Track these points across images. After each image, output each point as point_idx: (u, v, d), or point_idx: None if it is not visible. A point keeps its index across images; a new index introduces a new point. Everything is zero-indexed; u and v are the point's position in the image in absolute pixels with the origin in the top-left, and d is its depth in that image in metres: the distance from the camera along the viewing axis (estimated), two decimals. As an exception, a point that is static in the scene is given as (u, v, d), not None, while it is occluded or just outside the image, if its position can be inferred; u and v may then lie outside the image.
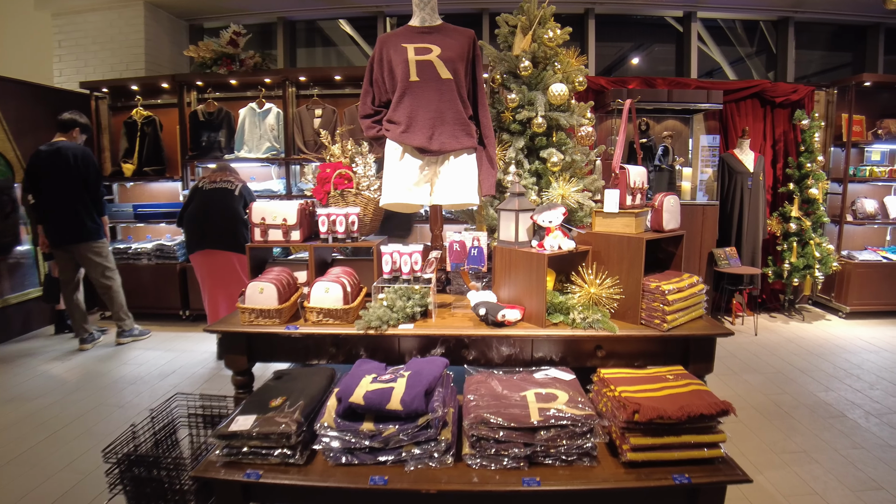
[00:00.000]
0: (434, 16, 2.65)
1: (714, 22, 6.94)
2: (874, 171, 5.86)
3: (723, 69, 7.03)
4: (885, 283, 5.83)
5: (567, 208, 2.61)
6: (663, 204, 2.38)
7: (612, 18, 6.86)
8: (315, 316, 2.37)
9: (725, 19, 6.97)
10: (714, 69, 7.14)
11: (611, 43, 7.52)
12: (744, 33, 7.08)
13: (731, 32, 7.07)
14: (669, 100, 5.21)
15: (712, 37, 6.97)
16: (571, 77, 2.90)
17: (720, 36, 7.01)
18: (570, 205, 2.65)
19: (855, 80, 5.82)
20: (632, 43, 7.53)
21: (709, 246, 5.32)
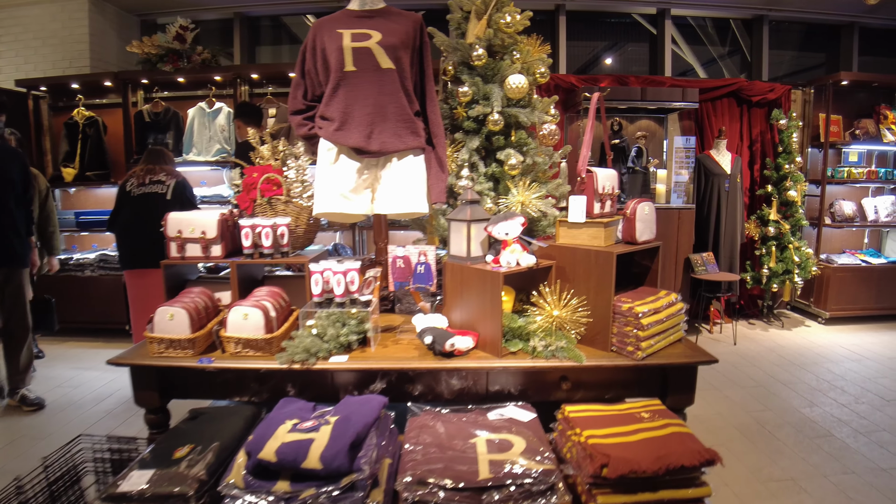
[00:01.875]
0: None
1: (685, 21, 6.73)
2: (852, 172, 5.68)
3: (695, 70, 6.82)
4: (864, 288, 5.66)
5: (528, 217, 2.30)
6: (636, 212, 2.08)
7: (584, 16, 6.60)
8: (233, 346, 2.03)
9: (697, 19, 6.77)
10: (687, 70, 6.93)
11: (584, 42, 7.27)
12: (716, 33, 6.89)
13: (703, 33, 6.87)
14: (643, 98, 4.95)
15: (684, 37, 6.76)
16: (532, 68, 2.58)
17: (692, 36, 6.80)
18: (532, 213, 2.34)
19: (832, 80, 5.64)
20: (605, 42, 7.29)
21: (685, 251, 5.07)
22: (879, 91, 6.01)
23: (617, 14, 6.71)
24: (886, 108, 5.88)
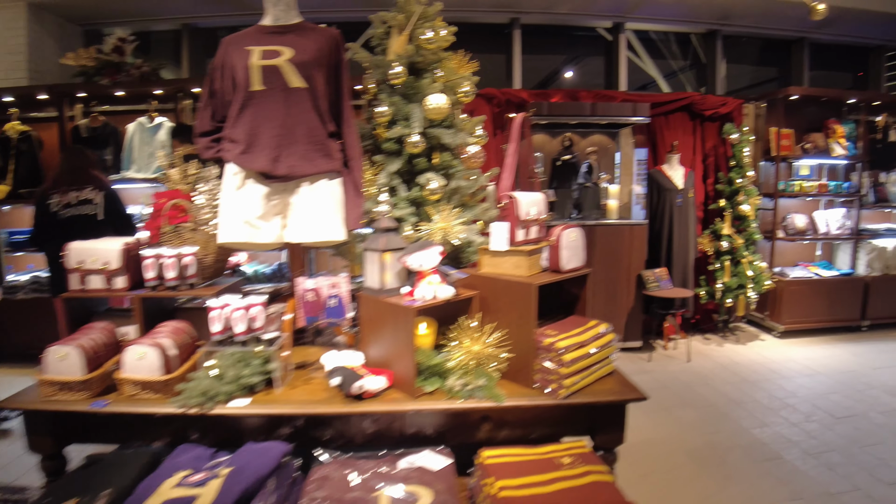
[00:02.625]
0: (290, 13, 2.17)
1: (647, 35, 6.76)
2: (803, 185, 5.72)
3: (657, 83, 6.85)
4: (817, 300, 5.68)
5: (451, 245, 2.18)
6: (561, 239, 1.97)
7: (542, 30, 6.57)
8: (130, 388, 1.86)
9: (659, 32, 6.80)
10: (648, 83, 6.97)
11: (543, 56, 7.26)
12: (677, 47, 6.93)
13: (665, 46, 6.90)
14: (593, 113, 4.89)
15: (647, 50, 6.78)
16: (455, 86, 2.46)
17: (654, 50, 6.83)
18: (455, 241, 2.21)
19: (782, 94, 5.68)
20: (564, 56, 7.30)
21: (637, 268, 5.01)
22: (828, 105, 6.08)
23: (575, 28, 6.69)
24: (835, 122, 5.94)
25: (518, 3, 5.89)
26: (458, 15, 6.00)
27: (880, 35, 7.13)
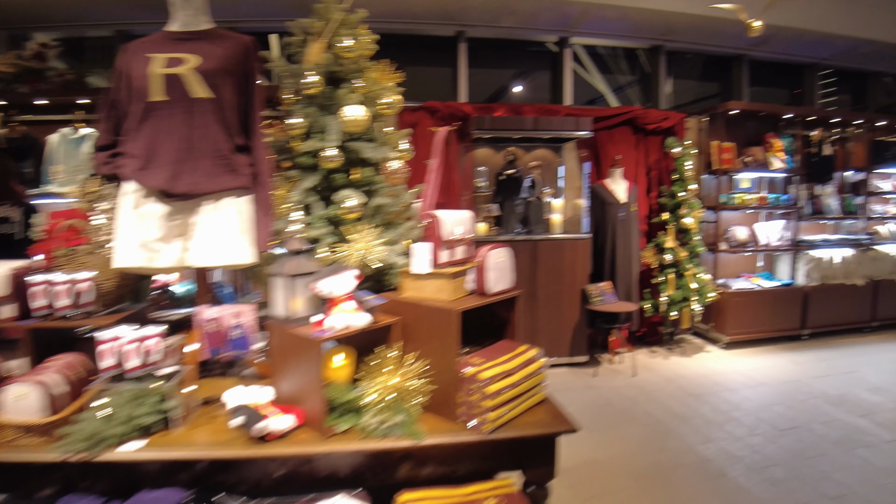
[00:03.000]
0: (199, 18, 2.02)
1: (595, 50, 6.81)
2: (744, 198, 5.83)
3: (605, 98, 6.90)
4: (760, 311, 5.78)
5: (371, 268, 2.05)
6: (487, 260, 1.86)
7: (491, 43, 6.53)
8: (10, 432, 1.65)
9: (607, 48, 6.86)
10: (597, 97, 7.02)
11: (493, 70, 7.23)
12: (625, 62, 7.00)
13: (613, 61, 6.97)
14: (536, 128, 4.86)
15: (596, 65, 6.83)
16: (377, 97, 2.33)
17: (603, 64, 6.89)
18: (376, 263, 2.08)
19: (723, 109, 5.78)
20: (514, 70, 7.28)
21: (582, 282, 4.98)
22: (767, 120, 6.23)
23: (524, 42, 6.68)
24: (773, 136, 6.08)
25: (463, 16, 5.84)
26: (404, 27, 5.92)
27: (814, 53, 7.38)
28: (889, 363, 5.32)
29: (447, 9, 5.62)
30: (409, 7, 5.47)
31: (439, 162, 2.03)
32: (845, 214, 6.50)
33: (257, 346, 1.95)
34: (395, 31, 5.96)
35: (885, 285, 6.50)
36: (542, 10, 5.78)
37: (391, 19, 5.75)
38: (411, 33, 6.06)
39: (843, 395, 4.43)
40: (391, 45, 6.21)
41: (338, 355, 1.80)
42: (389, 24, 5.82)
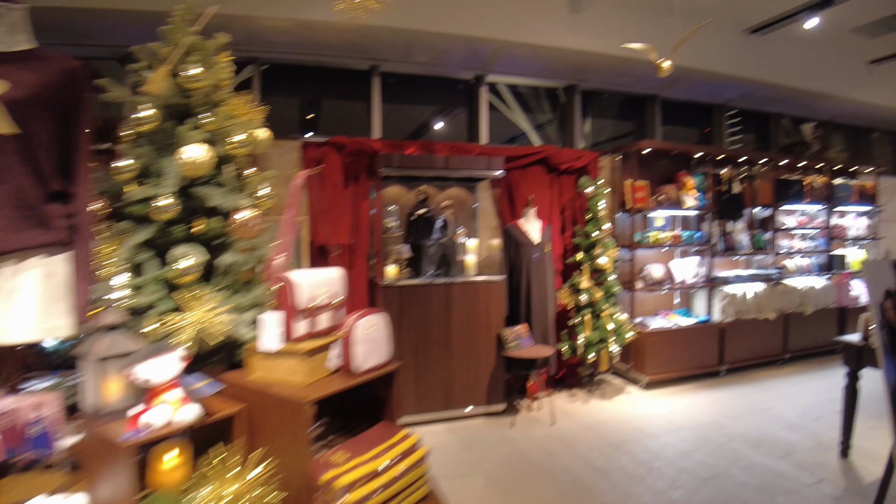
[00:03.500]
0: (16, 37, 1.69)
1: (517, 89, 6.80)
2: (658, 236, 5.84)
3: (528, 135, 6.88)
4: (678, 349, 5.75)
5: (211, 343, 1.73)
6: (354, 331, 1.59)
7: (413, 79, 6.40)
8: None
9: (528, 86, 6.87)
10: (519, 135, 7.00)
11: (415, 105, 7.11)
12: (547, 100, 7.02)
13: (535, 99, 6.98)
14: (447, 167, 4.69)
15: (518, 103, 6.81)
16: (227, 135, 2.03)
17: (525, 103, 6.88)
18: (216, 338, 1.75)
19: (635, 148, 5.82)
20: (435, 106, 7.18)
21: (497, 326, 4.78)
22: (679, 159, 6.35)
23: (445, 79, 6.58)
24: (686, 174, 6.17)
25: (375, 50, 5.69)
26: (318, 59, 5.70)
27: (720, 95, 7.68)
28: (803, 396, 5.36)
29: (359, 42, 5.45)
30: (321, 38, 5.26)
31: (292, 213, 1.73)
32: (755, 250, 6.65)
33: (64, 443, 1.58)
34: (309, 62, 5.73)
35: (795, 318, 6.67)
36: (455, 47, 5.69)
37: (303, 51, 5.52)
38: (325, 65, 5.84)
39: (762, 436, 4.38)
40: (306, 77, 6.02)
41: (169, 452, 1.47)
42: (301, 55, 5.58)
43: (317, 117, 6.41)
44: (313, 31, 5.07)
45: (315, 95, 6.35)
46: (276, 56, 5.56)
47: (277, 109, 6.39)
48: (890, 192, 8.92)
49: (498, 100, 6.69)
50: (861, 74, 8.03)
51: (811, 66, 7.43)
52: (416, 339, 4.53)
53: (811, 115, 8.52)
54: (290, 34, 5.14)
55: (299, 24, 4.91)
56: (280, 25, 4.93)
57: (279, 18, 4.81)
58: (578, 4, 5.88)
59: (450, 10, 5.30)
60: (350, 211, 4.98)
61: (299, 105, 6.53)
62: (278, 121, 6.42)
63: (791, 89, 7.40)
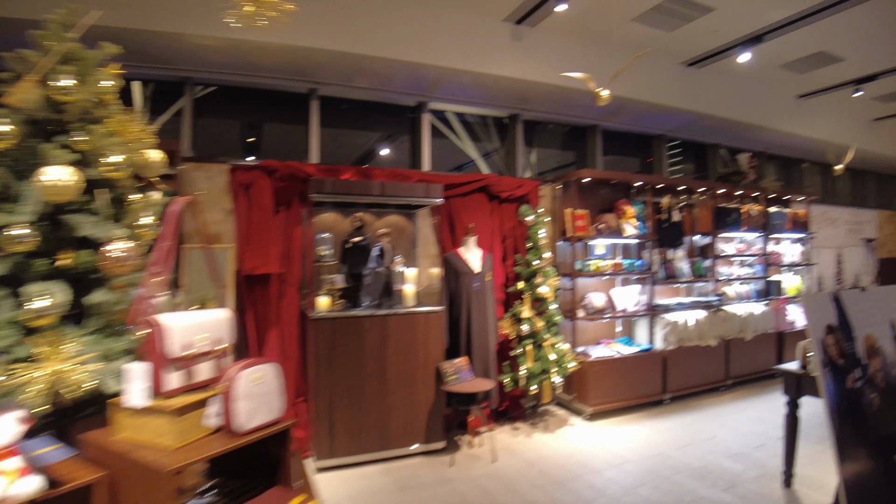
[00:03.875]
0: None
1: (463, 117, 6.76)
2: (598, 265, 5.81)
3: (476, 163, 6.83)
4: (621, 378, 5.69)
5: (75, 396, 1.50)
6: (236, 384, 1.38)
7: (362, 105, 6.26)
8: None
9: (476, 115, 6.83)
10: (467, 163, 6.94)
11: (362, 131, 6.97)
12: (495, 129, 6.99)
13: (483, 128, 6.94)
14: (383, 193, 4.54)
15: (467, 132, 6.76)
16: (100, 154, 1.80)
17: (472, 131, 6.83)
18: (75, 391, 1.52)
19: (575, 177, 5.82)
20: (380, 133, 7.06)
21: (436, 359, 4.60)
22: (619, 188, 6.39)
23: (387, 105, 6.47)
24: (625, 203, 6.21)
25: (314, 73, 5.53)
26: (256, 81, 5.49)
27: (660, 125, 7.84)
28: (745, 423, 5.37)
29: (297, 64, 5.29)
30: (256, 59, 5.07)
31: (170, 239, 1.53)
32: (696, 277, 6.72)
33: None
34: (247, 84, 5.52)
35: (735, 344, 6.75)
36: (396, 72, 5.60)
37: (240, 72, 5.31)
38: (263, 87, 5.63)
39: (707, 467, 4.32)
40: (246, 99, 5.80)
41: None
42: (238, 76, 5.37)
43: (258, 141, 6.19)
44: (247, 51, 4.89)
45: (255, 118, 6.14)
46: (212, 77, 5.32)
47: (217, 131, 6.17)
48: (820, 220, 9.27)
49: (446, 128, 6.64)
50: (791, 108, 8.37)
51: (745, 98, 7.70)
52: (349, 374, 4.30)
53: (747, 146, 8.81)
54: (223, 54, 4.94)
55: (232, 43, 4.72)
56: (212, 45, 4.72)
57: (209, 37, 4.60)
58: (519, 34, 5.90)
59: (390, 35, 5.22)
60: (281, 238, 4.75)
61: (240, 128, 6.31)
62: (219, 143, 6.18)
63: (727, 121, 7.63)
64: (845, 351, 2.01)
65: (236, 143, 6.25)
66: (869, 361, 2.05)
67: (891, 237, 11.08)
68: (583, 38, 6.15)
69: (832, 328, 2.00)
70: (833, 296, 2.12)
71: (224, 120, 6.05)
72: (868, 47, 6.56)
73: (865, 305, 2.15)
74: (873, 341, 2.07)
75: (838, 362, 1.97)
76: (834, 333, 1.99)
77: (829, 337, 1.97)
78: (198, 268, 4.41)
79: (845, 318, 2.05)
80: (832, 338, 1.97)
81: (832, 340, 1.97)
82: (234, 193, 4.73)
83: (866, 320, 2.10)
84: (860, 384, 2.03)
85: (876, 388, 2.06)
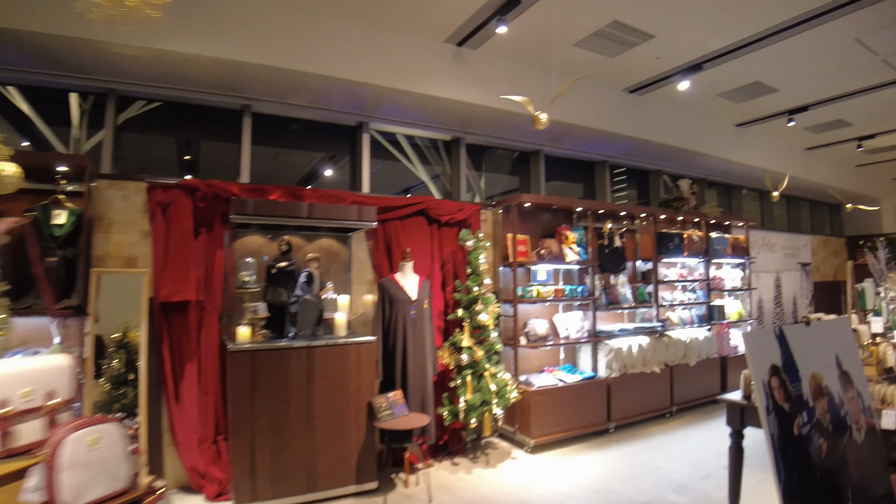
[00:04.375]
0: None
1: (413, 140, 6.58)
2: (540, 291, 5.66)
3: (426, 186, 6.65)
4: (564, 409, 5.52)
5: None
6: (61, 451, 1.10)
7: (294, 124, 5.99)
8: None
9: (426, 138, 6.67)
10: (416, 185, 6.75)
11: (300, 151, 6.70)
12: (445, 152, 6.83)
13: (433, 151, 6.78)
14: (311, 215, 4.25)
15: (417, 154, 6.59)
16: None
17: (421, 153, 6.66)
18: None
19: (516, 201, 5.69)
20: (322, 153, 6.80)
21: (368, 392, 4.31)
22: (560, 212, 6.30)
23: (331, 125, 6.22)
24: (566, 228, 6.12)
25: (247, 88, 5.22)
26: (187, 96, 5.14)
27: (604, 151, 7.86)
28: (690, 452, 5.27)
29: (229, 79, 5.00)
30: (184, 72, 4.75)
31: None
32: (638, 303, 6.66)
33: None
34: (177, 98, 5.18)
35: (679, 370, 6.70)
36: (333, 90, 5.38)
37: (168, 84, 4.96)
38: (193, 102, 5.29)
39: (651, 502, 4.16)
40: (179, 115, 5.43)
41: None
42: (166, 89, 5.02)
43: (195, 160, 5.83)
44: (174, 63, 4.57)
45: (191, 136, 5.78)
46: (139, 90, 4.96)
47: (152, 149, 5.77)
48: (759, 245, 9.48)
49: (397, 150, 6.46)
50: (730, 135, 8.56)
51: (686, 126, 7.81)
52: (272, 410, 3.96)
53: (688, 172, 8.95)
54: (149, 65, 4.60)
55: (155, 54, 4.40)
56: (136, 54, 4.38)
57: (131, 46, 4.27)
58: (461, 56, 5.79)
59: (327, 52, 5.01)
60: (201, 262, 4.41)
61: (177, 145, 5.95)
62: (154, 161, 5.78)
63: (669, 147, 7.72)
64: (791, 393, 1.85)
65: (173, 162, 5.87)
66: (815, 403, 1.90)
67: (824, 261, 11.46)
68: (525, 62, 6.09)
69: (776, 369, 1.84)
70: (777, 332, 1.97)
71: (162, 137, 5.69)
72: (800, 78, 6.75)
73: (810, 340, 2.01)
74: (819, 380, 1.93)
75: (784, 406, 1.81)
76: (778, 375, 1.83)
77: (774, 379, 1.81)
78: (110, 294, 4.04)
79: (790, 357, 1.90)
80: (777, 380, 1.81)
81: (777, 383, 1.81)
82: (152, 214, 4.37)
83: (811, 357, 1.96)
84: (807, 429, 1.86)
85: (823, 433, 1.90)
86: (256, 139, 5.61)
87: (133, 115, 5.04)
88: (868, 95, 7.25)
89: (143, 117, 5.10)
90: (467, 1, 4.91)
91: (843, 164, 10.96)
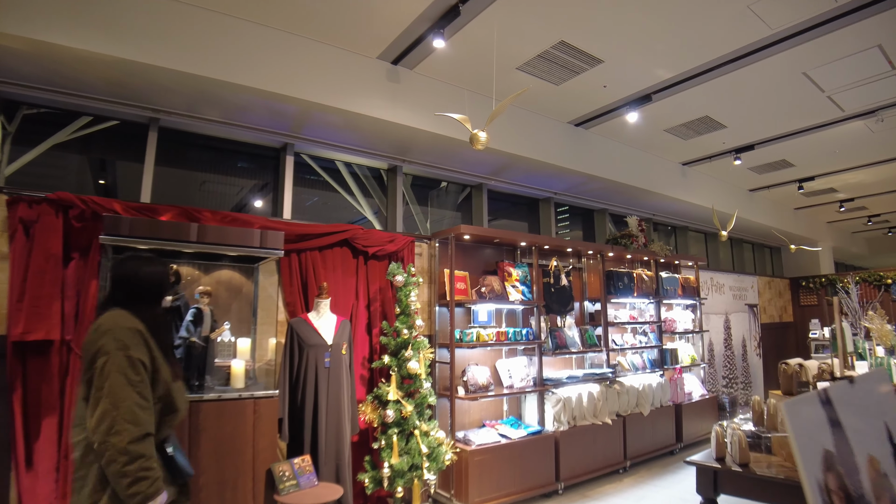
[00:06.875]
0: None
1: (352, 168, 5.96)
2: (481, 334, 5.02)
3: (371, 222, 5.99)
4: (507, 469, 4.85)
5: None
6: None
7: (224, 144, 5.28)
8: None
9: (365, 168, 6.05)
10: (358, 219, 6.08)
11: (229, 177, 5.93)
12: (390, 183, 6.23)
13: (373, 182, 6.16)
14: (201, 239, 3.48)
15: (358, 186, 5.98)
16: None
17: (363, 185, 6.03)
18: None
19: (454, 233, 5.11)
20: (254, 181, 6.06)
21: (267, 460, 3.50)
22: (503, 248, 5.77)
23: (255, 146, 5.52)
24: (510, 265, 5.58)
25: (153, 97, 4.49)
26: (86, 103, 4.35)
27: (549, 186, 7.45)
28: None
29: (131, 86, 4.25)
30: (80, 74, 4.00)
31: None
32: (587, 347, 6.13)
33: None
34: (77, 106, 4.39)
35: (632, 420, 6.19)
36: (251, 104, 4.72)
37: (59, 88, 4.18)
38: (93, 112, 4.51)
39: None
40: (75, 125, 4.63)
41: None
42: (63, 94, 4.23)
43: (114, 179, 5.01)
44: (64, 62, 3.83)
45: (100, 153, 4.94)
46: (25, 92, 4.15)
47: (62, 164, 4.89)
48: (708, 286, 9.22)
49: (335, 181, 5.85)
50: (676, 174, 8.33)
51: (633, 162, 7.53)
52: (141, 484, 3.13)
53: (635, 210, 8.67)
54: (33, 63, 3.84)
55: (37, 47, 3.64)
56: (12, 46, 3.61)
57: (4, 35, 3.51)
58: (396, 74, 5.27)
59: (244, 59, 4.37)
60: (71, 294, 3.60)
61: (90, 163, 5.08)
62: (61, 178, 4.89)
63: (615, 183, 7.37)
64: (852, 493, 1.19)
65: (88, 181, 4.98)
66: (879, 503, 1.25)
67: (770, 302, 11.35)
68: (465, 84, 5.64)
69: (831, 458, 1.18)
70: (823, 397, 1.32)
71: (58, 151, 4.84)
72: (749, 114, 6.57)
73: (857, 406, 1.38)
74: (877, 467, 1.30)
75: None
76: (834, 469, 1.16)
77: (831, 476, 1.14)
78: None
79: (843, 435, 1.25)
80: (833, 477, 1.14)
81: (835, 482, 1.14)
82: (12, 233, 3.55)
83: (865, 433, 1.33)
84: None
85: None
86: (167, 159, 4.87)
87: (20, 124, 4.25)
88: (812, 135, 7.17)
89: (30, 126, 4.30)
90: (402, 12, 4.42)
91: (783, 207, 11.05)
